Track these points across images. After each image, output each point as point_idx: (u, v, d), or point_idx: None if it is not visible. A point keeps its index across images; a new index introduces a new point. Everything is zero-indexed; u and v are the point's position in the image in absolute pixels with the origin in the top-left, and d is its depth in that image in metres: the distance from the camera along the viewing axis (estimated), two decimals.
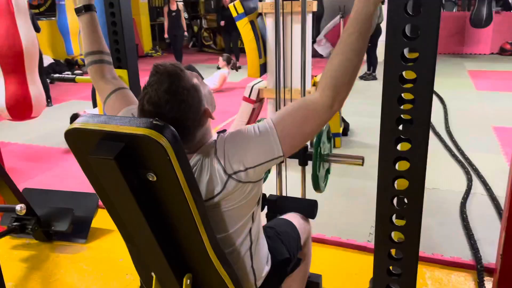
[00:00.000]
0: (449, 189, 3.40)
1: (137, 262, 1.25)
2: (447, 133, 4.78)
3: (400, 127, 0.68)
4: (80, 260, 2.60)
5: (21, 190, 2.75)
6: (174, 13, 9.02)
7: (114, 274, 2.41)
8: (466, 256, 2.51)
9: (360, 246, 2.61)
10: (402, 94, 0.66)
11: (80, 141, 0.95)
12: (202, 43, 12.55)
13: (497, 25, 9.26)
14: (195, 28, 12.72)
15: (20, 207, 2.55)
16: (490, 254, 2.43)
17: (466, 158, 4.01)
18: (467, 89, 6.85)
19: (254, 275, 1.30)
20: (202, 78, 1.37)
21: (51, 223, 2.77)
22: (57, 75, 6.16)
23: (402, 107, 0.67)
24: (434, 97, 6.40)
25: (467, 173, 3.70)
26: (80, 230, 2.81)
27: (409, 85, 0.72)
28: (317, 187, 1.86)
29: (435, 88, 4.30)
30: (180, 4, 9.27)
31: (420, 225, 0.70)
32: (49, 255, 2.67)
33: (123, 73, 1.76)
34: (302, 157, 1.87)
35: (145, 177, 0.95)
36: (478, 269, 2.37)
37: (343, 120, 4.56)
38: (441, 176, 3.64)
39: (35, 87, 3.59)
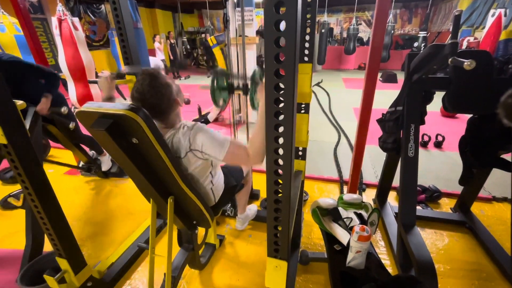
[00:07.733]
0: (329, 141, 3.40)
1: (142, 191, 1.14)
2: (329, 111, 4.77)
3: (280, 105, 0.57)
4: (125, 188, 2.43)
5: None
6: (172, 45, 8.65)
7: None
8: (335, 175, 2.53)
9: None
10: (279, 84, 0.55)
11: (86, 119, 0.79)
12: (198, 62, 11.82)
13: (358, 53, 9.18)
14: (195, 54, 11.88)
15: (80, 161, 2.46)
16: (346, 174, 2.48)
17: (338, 124, 4.03)
18: (341, 88, 6.85)
19: (213, 195, 1.22)
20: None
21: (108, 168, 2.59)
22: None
23: (279, 92, 0.56)
24: (323, 91, 6.38)
25: (338, 131, 3.72)
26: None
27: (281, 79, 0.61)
28: (253, 107, 1.41)
29: (324, 87, 4.13)
30: (173, 41, 8.71)
31: (291, 159, 0.61)
32: (106, 185, 2.48)
33: (133, 77, 1.54)
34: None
35: (131, 140, 0.81)
36: (340, 181, 2.41)
37: None
38: (325, 134, 3.63)
39: (93, 89, 3.40)
